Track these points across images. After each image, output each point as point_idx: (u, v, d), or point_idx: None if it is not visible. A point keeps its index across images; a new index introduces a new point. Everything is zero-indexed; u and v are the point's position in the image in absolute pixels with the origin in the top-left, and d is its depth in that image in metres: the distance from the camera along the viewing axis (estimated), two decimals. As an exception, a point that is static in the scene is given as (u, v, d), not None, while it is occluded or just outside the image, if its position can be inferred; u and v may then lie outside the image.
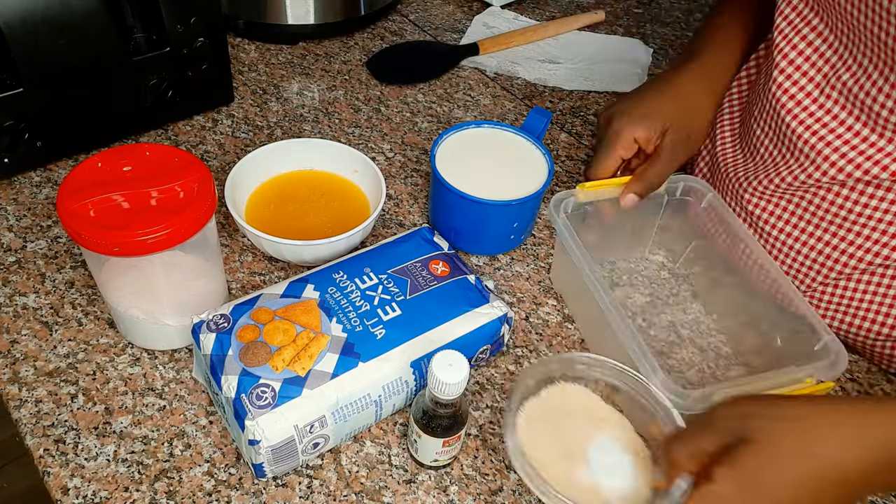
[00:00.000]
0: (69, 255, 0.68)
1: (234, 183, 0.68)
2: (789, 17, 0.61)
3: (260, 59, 0.95)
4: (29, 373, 0.59)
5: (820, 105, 0.60)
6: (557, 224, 0.63)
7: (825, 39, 0.59)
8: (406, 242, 0.64)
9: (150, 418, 0.58)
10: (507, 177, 0.70)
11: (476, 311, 0.60)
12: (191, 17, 0.75)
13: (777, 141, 0.64)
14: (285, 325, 0.55)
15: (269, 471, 0.53)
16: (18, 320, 0.63)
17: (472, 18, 1.07)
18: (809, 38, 0.60)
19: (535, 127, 0.73)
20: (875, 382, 0.67)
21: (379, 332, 0.56)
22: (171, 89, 0.78)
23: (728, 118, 0.73)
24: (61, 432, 0.56)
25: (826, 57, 0.59)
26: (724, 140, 0.72)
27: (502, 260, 0.74)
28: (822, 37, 0.59)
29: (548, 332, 0.67)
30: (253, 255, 0.71)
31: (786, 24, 0.62)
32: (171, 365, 0.61)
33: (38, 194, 0.73)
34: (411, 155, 0.84)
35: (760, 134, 0.66)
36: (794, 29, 0.61)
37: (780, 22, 0.62)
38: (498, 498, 0.56)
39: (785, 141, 0.63)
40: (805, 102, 0.60)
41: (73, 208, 0.51)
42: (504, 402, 0.61)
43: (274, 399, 0.51)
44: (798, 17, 0.61)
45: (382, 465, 0.57)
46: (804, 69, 0.61)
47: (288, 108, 0.88)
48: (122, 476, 0.54)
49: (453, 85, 0.95)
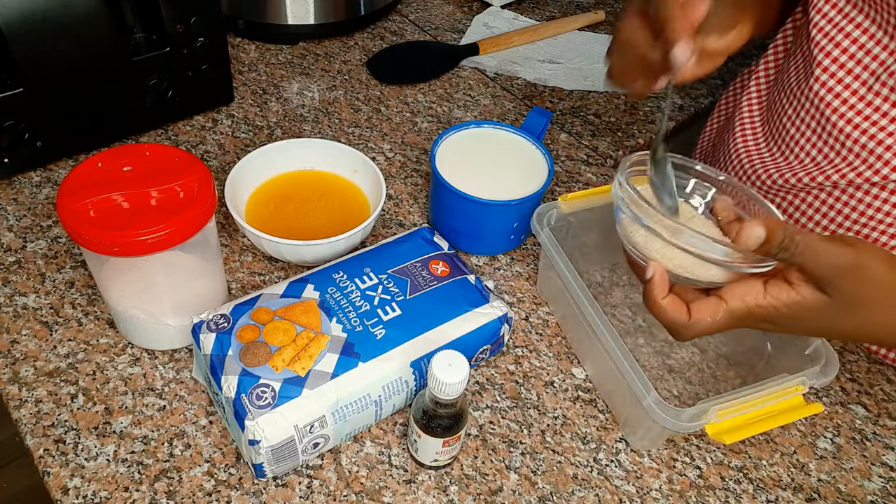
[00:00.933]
0: (69, 255, 0.68)
1: (234, 183, 0.68)
2: (829, 15, 0.61)
3: (260, 59, 0.95)
4: (29, 373, 0.59)
5: (868, 103, 0.59)
6: (542, 238, 0.62)
7: (872, 36, 0.58)
8: (406, 242, 0.64)
9: (150, 418, 0.58)
10: (507, 177, 0.70)
11: (476, 311, 0.60)
12: (191, 17, 0.75)
13: (818, 140, 0.63)
14: (285, 325, 0.55)
15: (269, 471, 0.53)
16: (18, 320, 0.63)
17: (472, 18, 1.07)
18: (854, 35, 0.59)
19: (535, 127, 0.73)
20: (875, 382, 0.67)
21: (379, 332, 0.56)
22: (171, 89, 0.78)
23: (748, 117, 0.72)
24: (61, 432, 0.56)
25: (874, 54, 0.58)
26: (746, 139, 0.71)
27: (502, 260, 0.74)
28: (868, 33, 0.58)
29: (548, 332, 0.67)
30: (253, 255, 0.71)
31: (825, 21, 0.61)
32: (171, 365, 0.61)
33: (38, 194, 0.73)
34: (411, 155, 0.84)
35: (796, 133, 0.65)
36: (836, 26, 0.60)
37: (819, 20, 0.61)
38: (498, 498, 0.56)
39: (830, 140, 0.62)
40: (852, 101, 0.60)
41: (73, 208, 0.51)
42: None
43: (274, 399, 0.51)
44: (839, 14, 0.60)
45: (382, 465, 0.57)
46: (849, 67, 0.60)
47: (288, 108, 0.88)
48: (122, 476, 0.54)
49: (453, 85, 0.95)
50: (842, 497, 0.58)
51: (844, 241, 0.44)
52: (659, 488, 0.58)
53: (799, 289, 0.45)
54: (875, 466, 0.61)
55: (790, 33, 0.72)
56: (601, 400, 0.63)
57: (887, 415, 0.64)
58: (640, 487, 0.57)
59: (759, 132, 0.71)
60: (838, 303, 0.44)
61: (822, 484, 0.59)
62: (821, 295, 0.45)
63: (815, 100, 0.62)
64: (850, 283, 0.44)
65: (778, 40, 0.73)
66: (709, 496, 0.57)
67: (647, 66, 0.53)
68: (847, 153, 0.61)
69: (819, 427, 0.63)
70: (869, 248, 0.44)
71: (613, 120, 0.93)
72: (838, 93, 0.60)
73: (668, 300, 0.48)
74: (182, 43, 0.76)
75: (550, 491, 0.57)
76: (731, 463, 0.60)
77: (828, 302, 0.44)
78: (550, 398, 0.62)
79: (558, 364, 0.65)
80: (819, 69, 0.61)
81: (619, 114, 0.94)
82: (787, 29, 0.72)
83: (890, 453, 0.62)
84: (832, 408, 0.64)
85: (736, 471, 0.59)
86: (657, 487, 0.58)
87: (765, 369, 0.62)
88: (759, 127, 0.71)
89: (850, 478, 0.60)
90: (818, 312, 0.45)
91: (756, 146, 0.70)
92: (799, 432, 0.62)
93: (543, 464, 0.58)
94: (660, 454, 0.60)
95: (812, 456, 0.61)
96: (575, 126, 0.91)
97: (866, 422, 0.64)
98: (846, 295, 0.44)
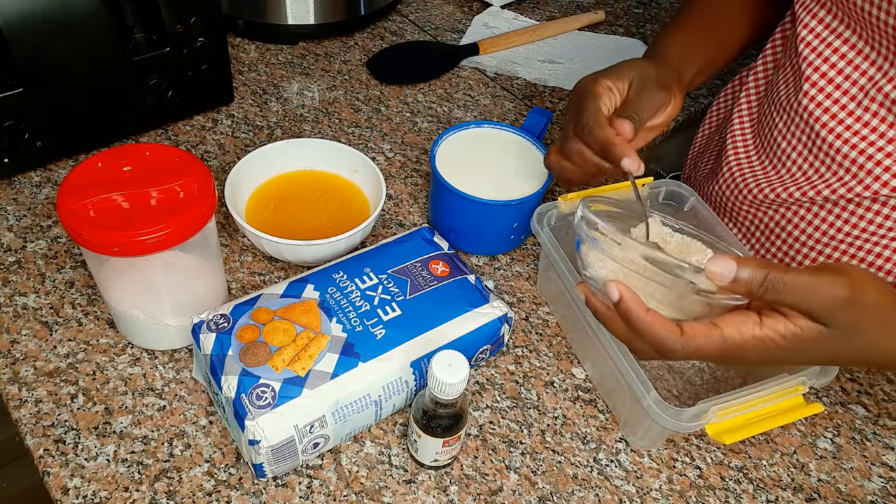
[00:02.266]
0: (69, 255, 0.68)
1: (234, 183, 0.68)
2: (816, 30, 0.61)
3: (260, 59, 0.95)
4: (29, 373, 0.59)
5: (857, 118, 0.59)
6: (542, 238, 0.62)
7: (860, 52, 0.58)
8: (406, 242, 0.64)
9: (150, 418, 0.58)
10: (507, 177, 0.70)
11: (476, 311, 0.60)
12: (191, 17, 0.75)
13: (809, 154, 0.63)
14: (285, 325, 0.55)
15: (269, 471, 0.53)
16: (18, 320, 0.63)
17: (472, 18, 1.07)
18: (842, 51, 0.59)
19: (535, 127, 0.73)
20: (875, 382, 0.67)
21: (379, 332, 0.56)
22: (171, 89, 0.78)
23: (739, 132, 0.72)
24: (61, 432, 0.56)
25: (862, 69, 0.58)
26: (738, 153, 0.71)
27: (502, 260, 0.74)
28: (857, 49, 0.58)
29: (548, 332, 0.67)
30: (253, 255, 0.71)
31: (812, 36, 0.61)
32: (171, 365, 0.61)
33: (38, 194, 0.73)
34: (411, 155, 0.84)
35: (787, 147, 0.65)
36: (823, 41, 0.60)
37: (806, 35, 0.61)
38: (498, 498, 0.56)
39: (820, 155, 0.62)
40: (840, 115, 0.59)
41: (73, 208, 0.51)
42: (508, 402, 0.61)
43: (274, 399, 0.51)
44: (826, 30, 0.60)
45: (382, 465, 0.57)
46: (837, 82, 0.60)
47: (288, 108, 0.88)
48: (122, 476, 0.54)
49: (453, 85, 0.95)
50: (842, 497, 0.58)
51: (836, 271, 0.43)
52: (659, 488, 0.58)
53: (796, 320, 0.44)
54: (875, 466, 0.61)
55: (779, 43, 0.71)
56: (601, 400, 0.63)
57: (887, 415, 0.64)
58: (640, 487, 0.57)
59: (750, 146, 0.71)
60: (837, 332, 0.43)
61: (822, 484, 0.59)
62: (818, 326, 0.43)
63: (804, 114, 0.62)
64: (849, 312, 0.43)
65: (767, 50, 0.72)
66: (709, 496, 0.57)
67: (592, 174, 0.60)
68: (837, 168, 0.61)
69: (819, 427, 0.63)
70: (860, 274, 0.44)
71: (613, 120, 0.93)
72: (827, 108, 0.60)
73: (651, 313, 0.44)
74: (182, 43, 0.76)
75: (550, 491, 0.57)
76: (731, 463, 0.60)
77: (826, 332, 0.43)
78: (550, 398, 0.62)
79: (558, 364, 0.65)
80: (807, 84, 0.61)
81: (619, 114, 0.94)
82: (777, 38, 0.72)
83: (890, 453, 0.62)
84: (832, 408, 0.64)
85: (736, 471, 0.59)
86: (657, 487, 0.58)
87: (765, 369, 0.62)
88: (750, 141, 0.71)
89: (850, 478, 0.60)
90: (817, 343, 0.44)
91: (748, 160, 0.70)
92: (799, 432, 0.62)
93: (543, 464, 0.58)
94: (660, 454, 0.60)
95: (812, 456, 0.61)
96: (575, 126, 0.91)
97: (866, 422, 0.64)
98: (846, 324, 0.43)
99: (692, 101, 0.98)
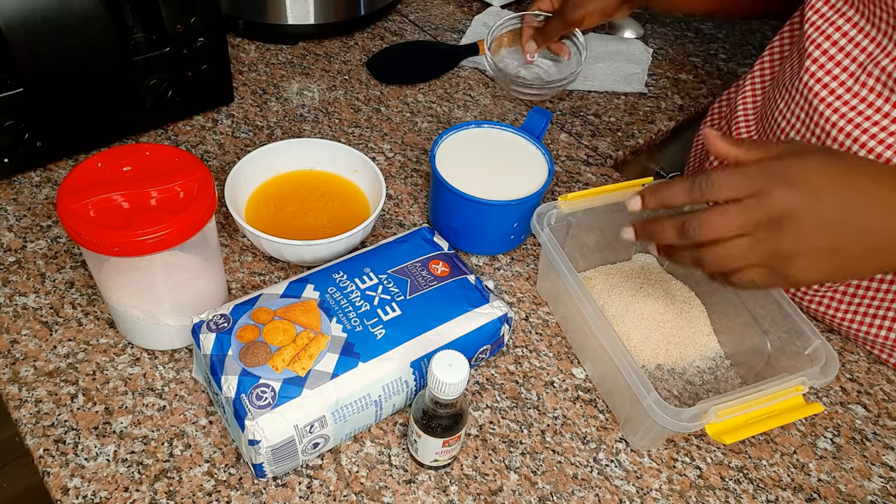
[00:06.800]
0: (69, 255, 0.68)
1: (234, 183, 0.68)
2: (821, 10, 0.62)
3: (260, 59, 0.95)
4: (29, 373, 0.59)
5: (854, 94, 0.60)
6: (542, 238, 0.62)
7: (861, 29, 0.60)
8: (406, 242, 0.64)
9: (150, 418, 0.58)
10: (507, 177, 0.70)
11: (476, 311, 0.60)
12: (191, 17, 0.75)
13: (805, 131, 0.64)
14: (285, 325, 0.55)
15: (269, 471, 0.53)
16: (18, 320, 0.63)
17: (472, 18, 1.07)
18: (844, 29, 0.61)
19: (535, 127, 0.73)
20: (875, 382, 0.67)
21: (379, 332, 0.56)
22: (171, 89, 0.78)
23: (743, 118, 0.73)
24: (61, 432, 0.56)
25: (862, 46, 0.60)
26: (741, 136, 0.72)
27: (502, 260, 0.74)
28: (858, 27, 0.60)
29: (548, 332, 0.67)
30: (253, 255, 0.71)
31: (818, 16, 0.63)
32: (171, 365, 0.61)
33: (38, 194, 0.73)
34: (411, 155, 0.84)
35: (786, 125, 0.66)
36: (828, 20, 0.62)
37: (813, 16, 0.63)
38: (498, 498, 0.56)
39: (816, 130, 0.63)
40: (839, 91, 0.61)
41: (73, 208, 0.51)
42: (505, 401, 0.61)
43: (274, 399, 0.51)
44: (832, 10, 0.62)
45: (382, 465, 0.57)
46: (838, 59, 0.61)
47: (288, 108, 0.88)
48: (122, 476, 0.54)
49: (453, 85, 0.95)
50: (842, 497, 0.58)
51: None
52: (659, 488, 0.58)
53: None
54: (875, 466, 0.61)
55: (787, 38, 0.73)
56: (601, 400, 0.63)
57: (887, 415, 0.64)
58: (640, 487, 0.57)
59: (752, 131, 0.72)
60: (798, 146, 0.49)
61: (822, 484, 0.59)
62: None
63: (804, 91, 0.63)
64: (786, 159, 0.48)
65: (774, 44, 0.74)
66: (709, 496, 0.57)
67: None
68: (832, 143, 0.62)
69: (819, 427, 0.63)
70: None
71: (613, 120, 0.93)
72: (826, 83, 0.61)
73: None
74: (182, 43, 0.76)
75: (550, 491, 0.57)
76: (731, 463, 0.60)
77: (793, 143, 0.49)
78: (550, 398, 0.62)
79: (558, 364, 0.65)
80: (809, 60, 0.62)
81: (618, 114, 0.94)
82: (784, 33, 0.73)
83: (890, 453, 0.62)
84: (832, 408, 0.64)
85: (736, 471, 0.59)
86: (657, 487, 0.58)
87: (765, 369, 0.62)
88: (752, 126, 0.72)
89: (850, 478, 0.60)
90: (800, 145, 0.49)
91: None
92: (799, 432, 0.62)
93: (543, 464, 0.58)
94: (660, 454, 0.60)
95: (812, 456, 0.61)
96: (575, 126, 0.91)
97: (866, 422, 0.64)
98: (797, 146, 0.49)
99: (692, 102, 0.98)
